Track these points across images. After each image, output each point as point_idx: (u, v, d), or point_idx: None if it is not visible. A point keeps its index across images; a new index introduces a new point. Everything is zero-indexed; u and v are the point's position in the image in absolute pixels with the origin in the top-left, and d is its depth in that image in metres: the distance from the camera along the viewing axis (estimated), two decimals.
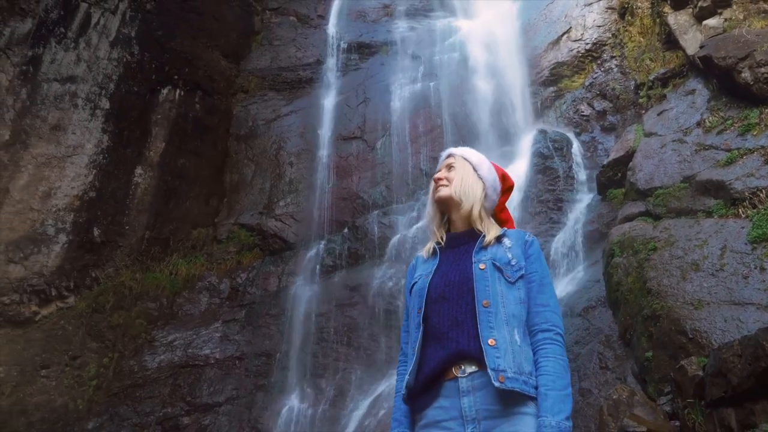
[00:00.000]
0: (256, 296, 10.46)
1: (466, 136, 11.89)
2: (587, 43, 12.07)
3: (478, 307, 1.92)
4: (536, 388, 1.85)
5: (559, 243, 9.16)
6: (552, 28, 12.80)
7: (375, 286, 10.05)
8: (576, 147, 10.62)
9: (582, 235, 8.82)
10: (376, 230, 11.12)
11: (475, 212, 2.16)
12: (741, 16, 7.97)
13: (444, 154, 2.41)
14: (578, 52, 12.11)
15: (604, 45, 11.93)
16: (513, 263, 2.03)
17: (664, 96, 9.07)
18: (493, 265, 2.02)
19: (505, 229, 2.22)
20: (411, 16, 14.92)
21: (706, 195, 6.27)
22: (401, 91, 13.15)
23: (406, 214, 11.27)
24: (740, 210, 5.64)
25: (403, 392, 2.03)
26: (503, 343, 1.86)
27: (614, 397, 3.95)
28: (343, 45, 14.40)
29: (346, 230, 11.14)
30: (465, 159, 2.29)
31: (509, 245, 2.09)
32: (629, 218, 7.20)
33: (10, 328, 9.20)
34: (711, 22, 8.30)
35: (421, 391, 1.94)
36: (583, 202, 9.60)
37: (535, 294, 2.01)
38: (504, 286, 1.98)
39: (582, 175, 10.16)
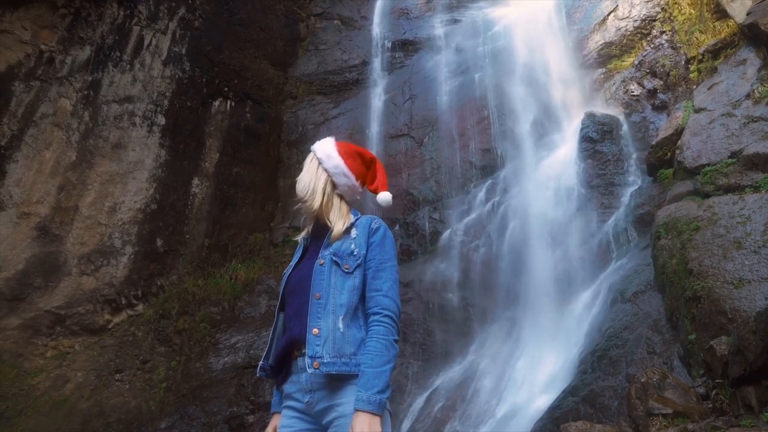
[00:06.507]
0: None
1: (514, 126, 11.76)
2: (635, 20, 11.68)
3: (311, 299, 2.16)
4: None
5: (610, 228, 8.96)
6: (597, 7, 12.45)
7: (428, 281, 10.12)
8: (626, 129, 10.32)
9: (633, 219, 8.60)
10: (427, 226, 11.18)
11: (316, 205, 2.32)
12: None
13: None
14: (626, 30, 11.75)
15: (654, 20, 11.50)
16: (355, 253, 2.22)
17: (715, 69, 8.68)
18: (332, 259, 2.21)
19: (358, 216, 2.36)
20: (453, 8, 14.84)
21: (754, 169, 6.00)
22: (447, 86, 13.13)
23: (457, 208, 11.26)
24: None
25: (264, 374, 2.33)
26: (326, 332, 2.10)
27: (642, 380, 3.87)
28: (388, 44, 14.48)
29: (397, 227, 11.23)
30: (314, 155, 2.45)
31: (354, 235, 2.26)
32: (677, 198, 6.95)
33: (87, 336, 9.85)
34: None
35: (277, 371, 2.26)
36: (634, 185, 9.33)
37: (370, 280, 2.19)
38: (339, 277, 2.18)
39: (633, 156, 9.89)
